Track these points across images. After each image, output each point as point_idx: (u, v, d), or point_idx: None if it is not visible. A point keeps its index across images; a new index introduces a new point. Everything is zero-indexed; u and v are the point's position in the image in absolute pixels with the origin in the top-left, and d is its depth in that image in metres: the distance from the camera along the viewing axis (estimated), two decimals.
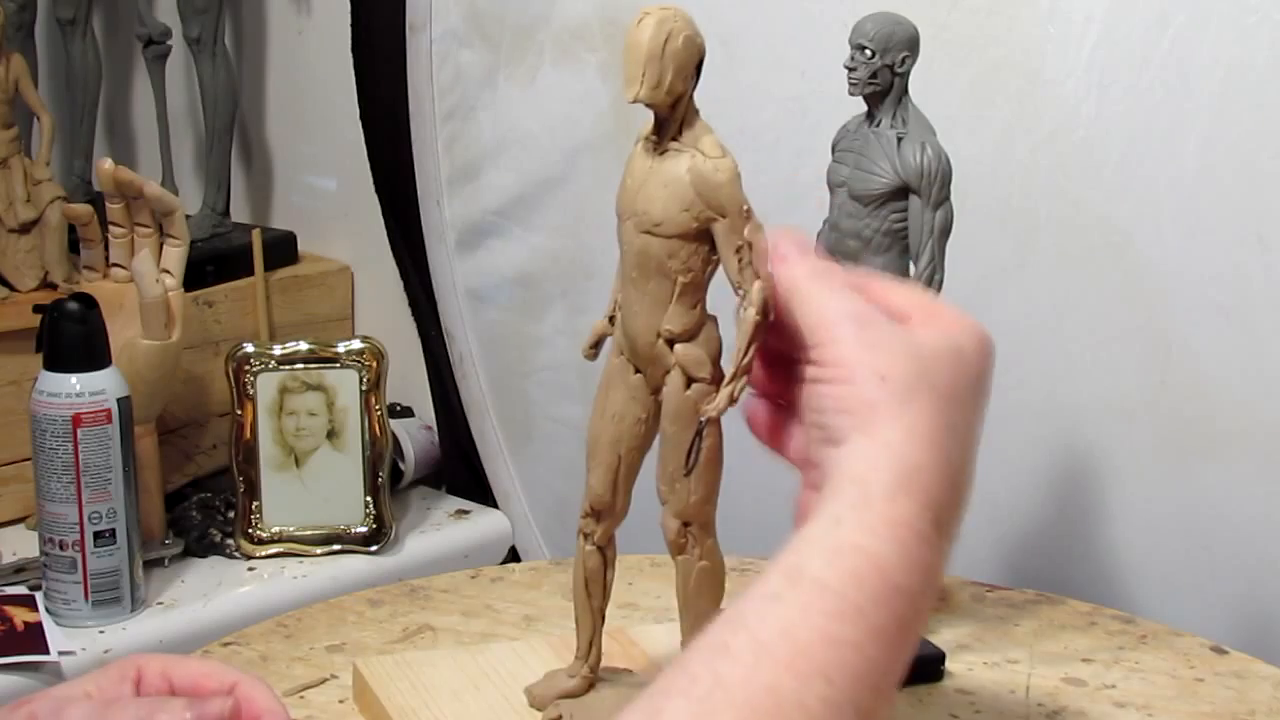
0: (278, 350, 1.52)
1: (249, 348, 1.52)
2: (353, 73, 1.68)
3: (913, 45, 0.96)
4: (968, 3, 1.22)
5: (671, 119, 0.82)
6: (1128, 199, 1.17)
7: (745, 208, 0.79)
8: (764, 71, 1.37)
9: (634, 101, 0.80)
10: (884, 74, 0.96)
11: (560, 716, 0.91)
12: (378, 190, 1.70)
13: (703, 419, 0.83)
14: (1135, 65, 1.15)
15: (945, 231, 0.95)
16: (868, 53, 0.96)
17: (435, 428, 1.73)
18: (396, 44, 1.63)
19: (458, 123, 1.62)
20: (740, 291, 0.78)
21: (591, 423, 0.89)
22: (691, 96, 0.82)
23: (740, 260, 0.78)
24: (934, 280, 0.95)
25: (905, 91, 0.97)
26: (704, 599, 0.89)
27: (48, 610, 1.34)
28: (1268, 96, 1.09)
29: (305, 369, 1.52)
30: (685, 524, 0.87)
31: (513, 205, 1.60)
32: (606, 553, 0.92)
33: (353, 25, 1.67)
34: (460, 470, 1.71)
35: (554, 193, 1.55)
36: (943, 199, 0.95)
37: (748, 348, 0.77)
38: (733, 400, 0.80)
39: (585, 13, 1.48)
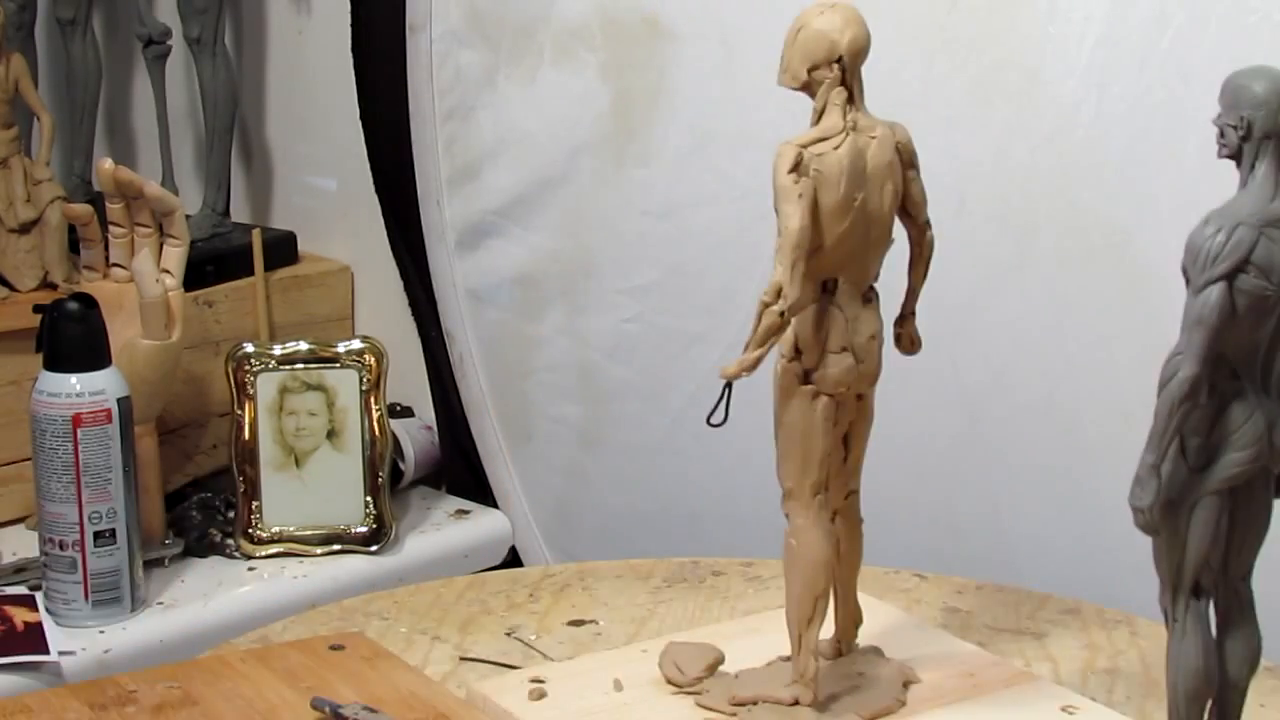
0: (278, 350, 1.52)
1: (249, 348, 1.52)
2: (353, 73, 1.68)
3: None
4: (968, 3, 1.22)
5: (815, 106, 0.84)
6: (1128, 199, 1.17)
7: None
8: (764, 71, 1.36)
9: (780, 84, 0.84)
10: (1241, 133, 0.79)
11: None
12: (378, 190, 1.70)
13: (722, 377, 0.83)
14: (1135, 65, 1.15)
15: (1198, 322, 0.80)
16: (1240, 118, 0.78)
17: (435, 428, 1.73)
18: (396, 44, 1.63)
19: (458, 123, 1.62)
20: None
21: None
22: (827, 88, 0.83)
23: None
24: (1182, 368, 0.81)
25: (1259, 157, 0.79)
26: (788, 578, 0.88)
27: (48, 610, 1.34)
28: None
29: (305, 369, 1.52)
30: (785, 495, 0.86)
31: (513, 205, 1.59)
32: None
33: (353, 25, 1.67)
34: (460, 470, 1.71)
35: (554, 193, 1.55)
36: (1202, 284, 0.80)
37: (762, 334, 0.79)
38: (743, 371, 0.80)
39: (585, 13, 1.48)
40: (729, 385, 0.83)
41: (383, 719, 0.93)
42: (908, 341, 0.92)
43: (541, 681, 0.97)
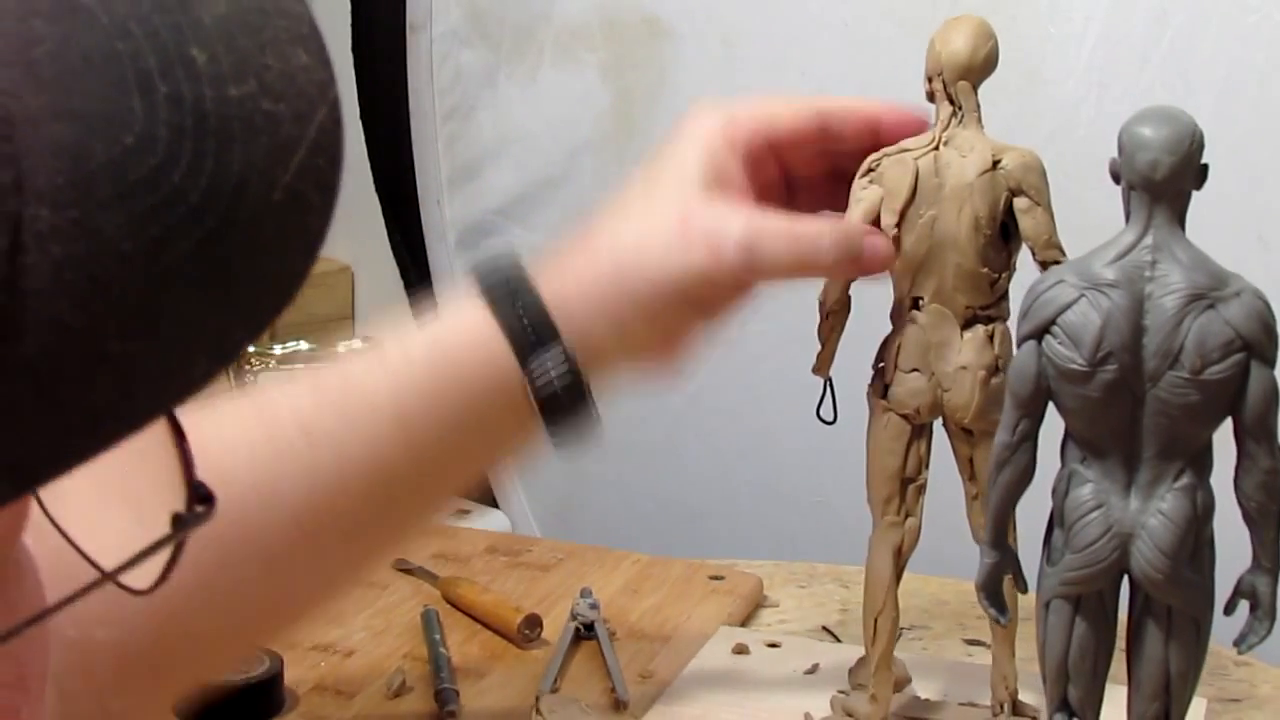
0: (278, 350, 1.52)
1: (249, 347, 1.52)
2: (353, 73, 1.68)
3: None
4: (967, 3, 1.22)
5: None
6: None
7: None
8: (764, 71, 1.37)
9: None
10: None
11: None
12: (378, 190, 1.70)
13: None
14: (1135, 65, 1.15)
15: (1007, 384, 0.73)
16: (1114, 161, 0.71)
17: None
18: (396, 44, 1.63)
19: (458, 122, 1.62)
20: None
21: None
22: (937, 100, 0.85)
23: None
24: None
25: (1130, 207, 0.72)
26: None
27: None
28: (1268, 96, 1.09)
29: (306, 369, 1.52)
30: None
31: (513, 205, 1.60)
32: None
33: (353, 25, 1.67)
34: None
35: (554, 192, 1.55)
36: (1017, 342, 0.73)
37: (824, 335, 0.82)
38: (817, 368, 0.82)
39: (585, 13, 1.48)
40: (828, 382, 0.83)
41: None
42: None
43: None
